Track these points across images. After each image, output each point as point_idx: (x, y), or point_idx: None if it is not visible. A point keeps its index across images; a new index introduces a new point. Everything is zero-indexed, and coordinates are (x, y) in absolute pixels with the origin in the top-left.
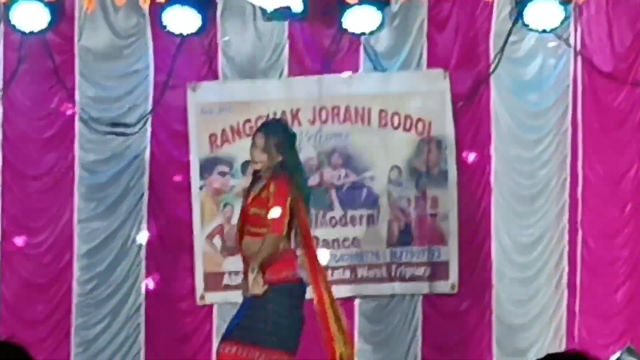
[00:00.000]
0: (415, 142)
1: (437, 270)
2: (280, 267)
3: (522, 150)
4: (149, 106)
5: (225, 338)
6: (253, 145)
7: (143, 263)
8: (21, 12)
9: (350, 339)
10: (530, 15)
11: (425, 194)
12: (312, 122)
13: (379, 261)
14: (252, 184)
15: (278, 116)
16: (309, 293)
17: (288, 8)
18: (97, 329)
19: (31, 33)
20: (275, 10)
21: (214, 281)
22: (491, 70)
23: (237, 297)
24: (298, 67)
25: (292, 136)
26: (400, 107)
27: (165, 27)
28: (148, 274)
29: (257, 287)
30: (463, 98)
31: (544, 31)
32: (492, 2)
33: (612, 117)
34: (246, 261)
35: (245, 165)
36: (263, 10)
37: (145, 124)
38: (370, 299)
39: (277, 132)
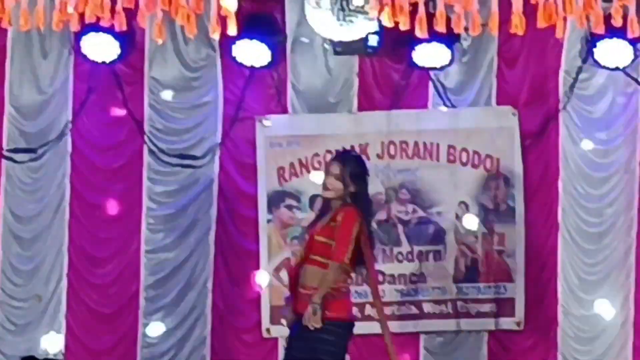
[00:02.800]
0: (483, 178)
1: (503, 307)
2: (338, 305)
3: (590, 187)
4: (218, 138)
5: None
6: (327, 173)
7: (210, 295)
8: (91, 42)
9: None
10: (600, 53)
11: (492, 231)
12: (381, 157)
13: (445, 297)
14: (321, 212)
15: None
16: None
17: (366, 39)
18: None
19: (101, 63)
20: (348, 44)
21: (280, 315)
22: (560, 107)
23: None
24: (367, 102)
25: (365, 170)
26: (468, 143)
27: (235, 59)
28: (214, 306)
29: (316, 321)
30: (532, 135)
31: (614, 69)
32: (563, 40)
33: None
34: (302, 287)
35: (313, 198)
36: (333, 45)
37: (213, 156)
38: (435, 334)
39: (352, 162)
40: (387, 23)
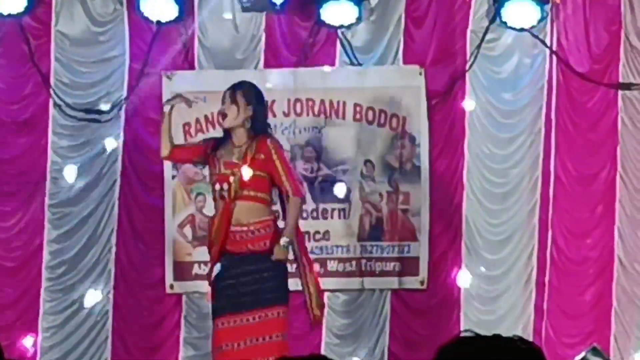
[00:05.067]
0: (388, 137)
1: (407, 266)
2: None
3: (495, 148)
4: (124, 93)
5: (219, 314)
6: (222, 103)
7: (113, 250)
8: None
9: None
10: (508, 13)
11: (397, 190)
12: (287, 115)
13: (349, 255)
14: (220, 147)
15: None
16: None
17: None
18: (65, 314)
19: (8, 16)
20: (255, 1)
21: (184, 271)
22: (467, 67)
23: (206, 286)
24: (274, 59)
25: (260, 92)
26: (375, 101)
27: (142, 14)
28: (118, 261)
29: (284, 254)
30: (438, 95)
31: (521, 30)
32: (470, 0)
33: (586, 118)
34: (237, 224)
35: None
36: (240, 2)
37: (119, 111)
38: (339, 292)
39: (242, 85)
40: None
